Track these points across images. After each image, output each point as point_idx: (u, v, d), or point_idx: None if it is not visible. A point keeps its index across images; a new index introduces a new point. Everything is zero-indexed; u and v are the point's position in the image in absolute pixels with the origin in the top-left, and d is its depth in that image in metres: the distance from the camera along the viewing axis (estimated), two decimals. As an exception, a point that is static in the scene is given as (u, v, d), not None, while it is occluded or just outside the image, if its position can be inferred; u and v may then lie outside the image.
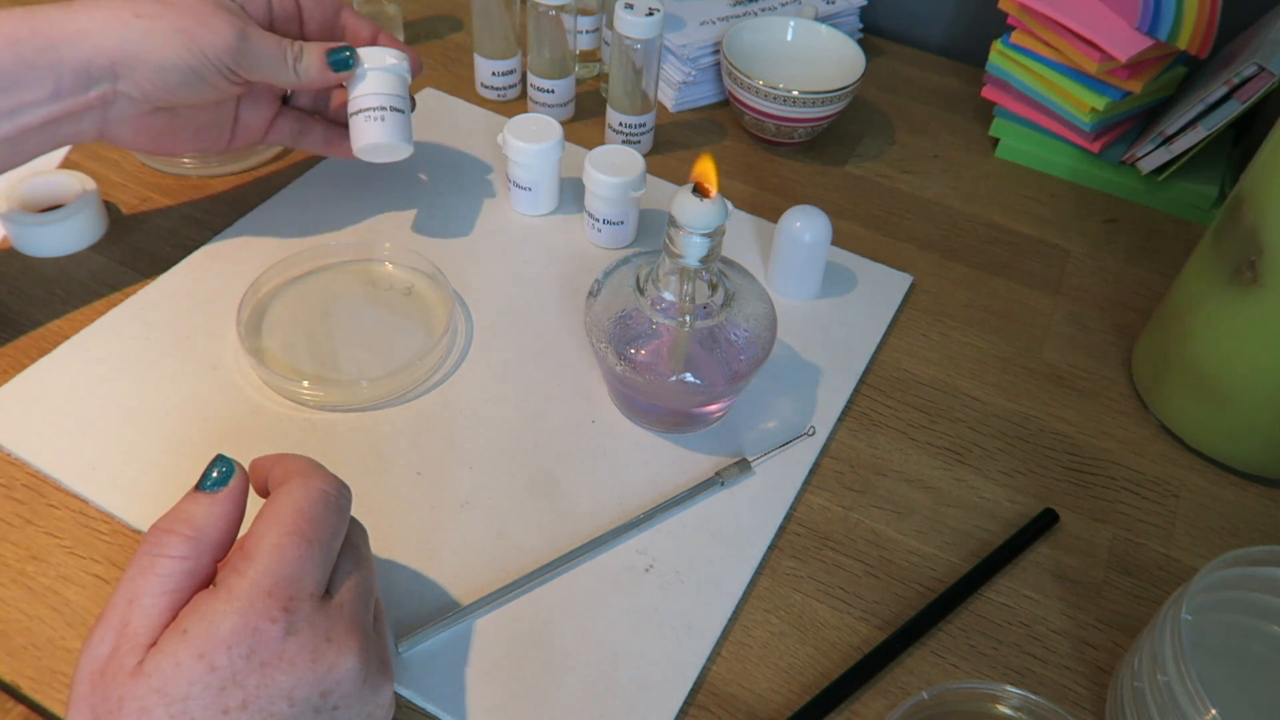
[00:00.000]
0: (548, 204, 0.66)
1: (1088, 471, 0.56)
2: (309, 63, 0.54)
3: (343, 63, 0.55)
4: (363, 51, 0.57)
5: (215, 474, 0.36)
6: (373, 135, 0.57)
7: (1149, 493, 0.55)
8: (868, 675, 0.45)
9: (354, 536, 0.38)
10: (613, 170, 0.61)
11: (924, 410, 0.58)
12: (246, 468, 0.38)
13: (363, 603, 0.37)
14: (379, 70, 0.57)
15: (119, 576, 0.46)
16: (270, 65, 0.53)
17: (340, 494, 0.37)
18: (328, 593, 0.36)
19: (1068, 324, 0.65)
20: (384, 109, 0.57)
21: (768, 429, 0.55)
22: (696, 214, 0.45)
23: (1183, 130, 0.69)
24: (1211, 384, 0.54)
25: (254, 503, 0.37)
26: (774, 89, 0.70)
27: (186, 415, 0.53)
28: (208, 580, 0.35)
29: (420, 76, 0.78)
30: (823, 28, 0.76)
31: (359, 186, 0.67)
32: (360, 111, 0.57)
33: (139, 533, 0.48)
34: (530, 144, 0.62)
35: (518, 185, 0.65)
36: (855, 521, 0.52)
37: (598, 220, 0.64)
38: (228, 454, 0.37)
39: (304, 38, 0.58)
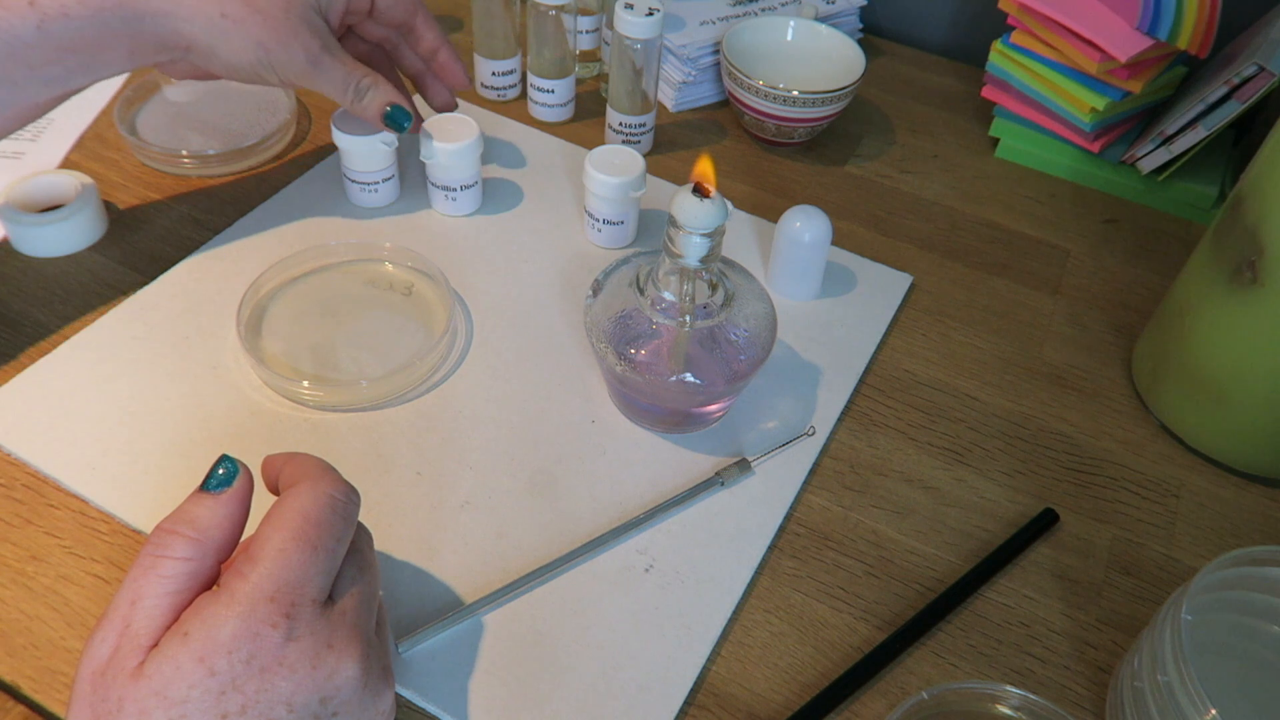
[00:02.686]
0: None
1: (1088, 471, 0.56)
2: (368, 104, 0.57)
3: (398, 125, 0.59)
4: (436, 122, 0.62)
5: (220, 473, 0.36)
6: (446, 209, 0.66)
7: (1149, 493, 0.55)
8: (868, 675, 0.45)
9: (359, 541, 0.38)
10: (613, 170, 0.61)
11: (924, 410, 0.58)
12: (250, 468, 0.38)
13: (365, 609, 0.37)
14: (453, 149, 0.62)
15: (119, 576, 0.46)
16: (331, 90, 0.56)
17: (348, 499, 0.37)
18: (330, 598, 0.36)
19: (1068, 324, 0.65)
20: (456, 189, 0.64)
21: (768, 429, 0.55)
22: (696, 214, 0.45)
23: (1183, 130, 0.69)
24: (1211, 384, 0.54)
25: (260, 501, 0.37)
26: (774, 89, 0.70)
27: (186, 415, 0.53)
28: (211, 581, 0.35)
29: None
30: (823, 28, 0.76)
31: (359, 186, 0.67)
32: (438, 186, 0.64)
33: (139, 533, 0.48)
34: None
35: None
36: (855, 521, 0.52)
37: (598, 220, 0.64)
38: (231, 454, 0.37)
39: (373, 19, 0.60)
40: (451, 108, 0.65)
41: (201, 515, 0.35)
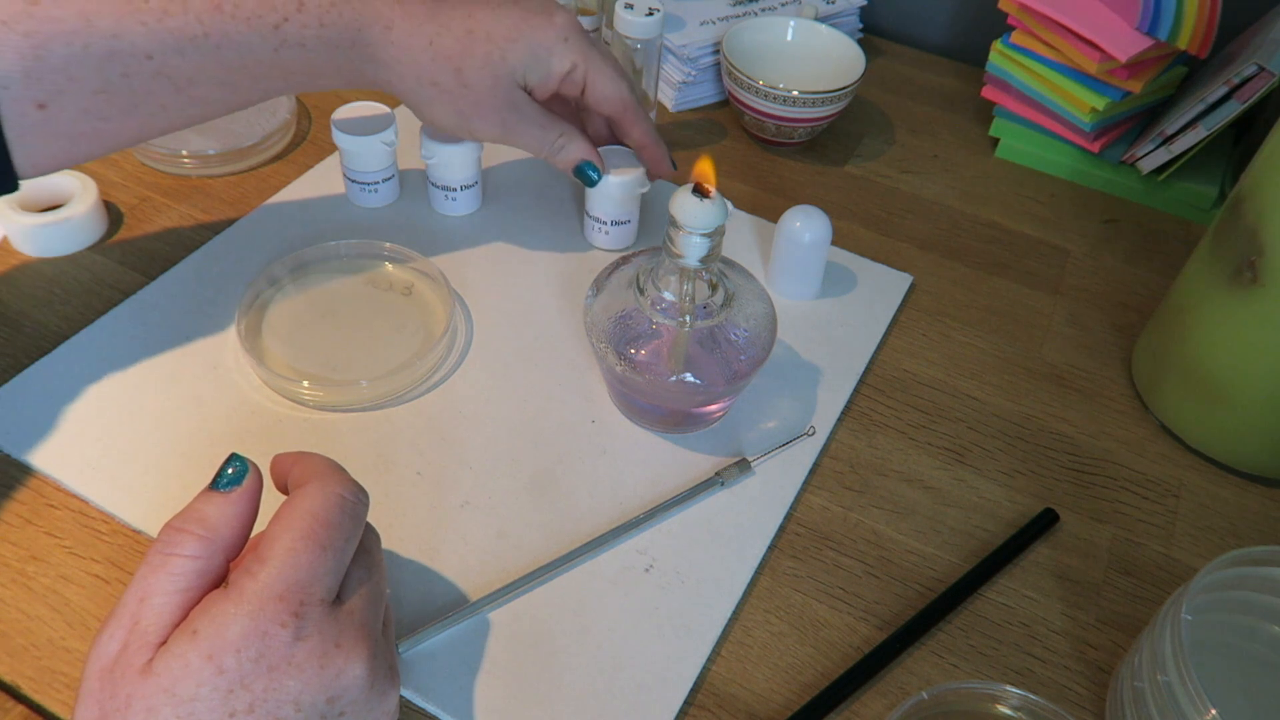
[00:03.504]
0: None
1: (1088, 471, 0.56)
2: (561, 160, 0.59)
3: (587, 180, 0.60)
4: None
5: (229, 472, 0.36)
6: (446, 209, 0.66)
7: (1149, 493, 0.55)
8: (868, 675, 0.45)
9: (367, 542, 0.38)
10: (615, 170, 0.61)
11: (924, 410, 0.58)
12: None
13: (373, 609, 0.37)
14: (453, 150, 0.62)
15: (119, 576, 0.46)
16: (528, 149, 0.59)
17: (357, 499, 0.37)
18: (339, 598, 0.36)
19: (1068, 324, 0.65)
20: (456, 189, 0.65)
21: (768, 429, 0.55)
22: (696, 214, 0.45)
23: (1183, 130, 0.69)
24: (1211, 384, 0.54)
25: (269, 501, 0.37)
26: (774, 89, 0.70)
27: (186, 415, 0.53)
28: (220, 580, 0.35)
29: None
30: (823, 28, 0.76)
31: (359, 186, 0.67)
32: (438, 186, 0.65)
33: (139, 533, 0.48)
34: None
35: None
36: (855, 521, 0.52)
37: (605, 222, 0.63)
38: (239, 452, 0.37)
39: (581, 108, 0.62)
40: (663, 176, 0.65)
41: (211, 514, 0.35)
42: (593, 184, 0.60)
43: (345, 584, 0.36)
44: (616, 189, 0.61)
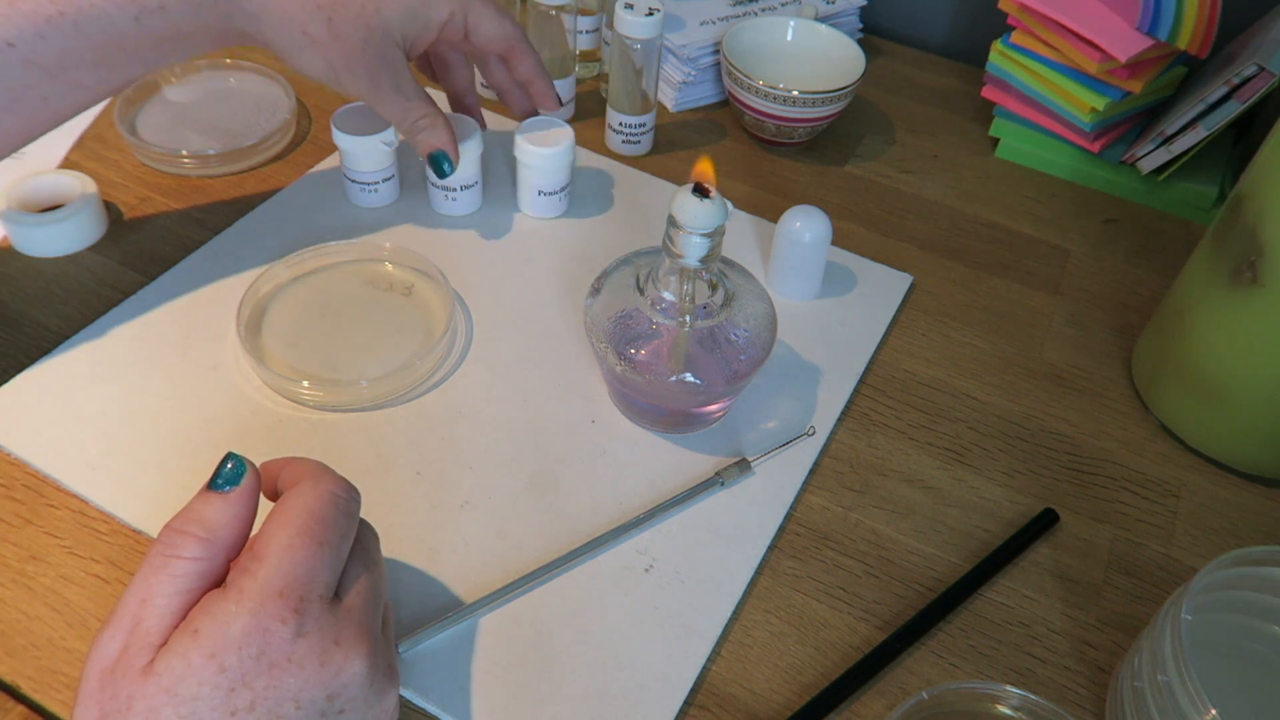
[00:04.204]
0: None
1: (1088, 471, 0.56)
2: (418, 142, 0.59)
3: (438, 169, 0.60)
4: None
5: (227, 469, 0.36)
6: (446, 209, 0.66)
7: (1149, 493, 0.55)
8: (868, 675, 0.45)
9: (364, 539, 0.39)
10: (544, 141, 0.63)
11: (924, 410, 0.58)
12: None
13: (372, 606, 0.37)
14: (548, 154, 0.63)
15: (119, 576, 0.46)
16: (388, 119, 0.58)
17: (350, 497, 0.37)
18: (336, 595, 0.36)
19: (1068, 324, 0.65)
20: (456, 189, 0.65)
21: (768, 429, 0.55)
22: (696, 214, 0.45)
23: (1183, 130, 0.69)
24: (1211, 384, 0.54)
25: (263, 505, 0.37)
26: (774, 89, 0.70)
27: (186, 415, 0.53)
28: (220, 580, 0.35)
29: (420, 78, 0.78)
30: (823, 28, 0.76)
31: (359, 186, 0.67)
32: (438, 186, 0.65)
33: (139, 533, 0.48)
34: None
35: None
36: (855, 521, 0.52)
37: (536, 193, 0.65)
38: (235, 452, 0.37)
39: (470, 53, 0.63)
40: (530, 114, 0.66)
41: (210, 514, 0.35)
42: (444, 176, 0.60)
43: (343, 581, 0.36)
44: (548, 160, 0.63)
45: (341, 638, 0.34)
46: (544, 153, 0.63)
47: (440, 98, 0.76)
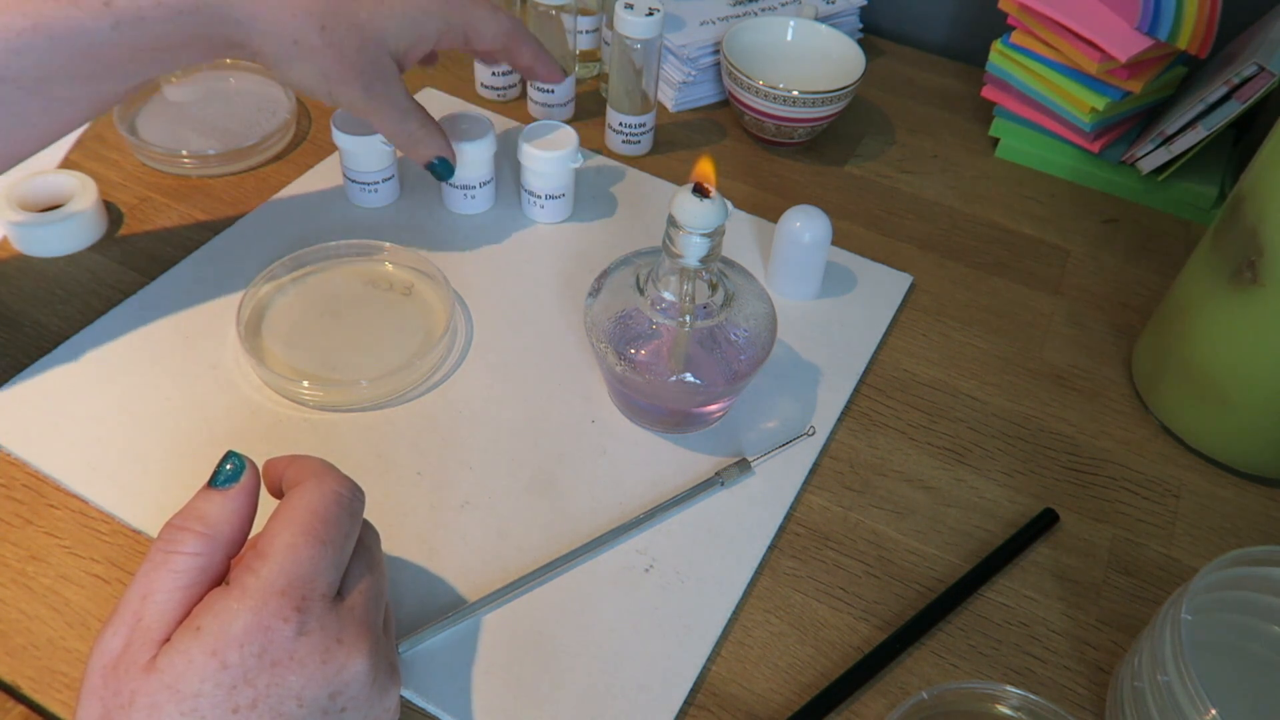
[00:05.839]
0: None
1: (1088, 471, 0.56)
2: (416, 153, 0.59)
3: (439, 176, 0.60)
4: (448, 121, 0.62)
5: (227, 469, 0.36)
6: (464, 208, 0.66)
7: (1149, 493, 0.55)
8: (868, 675, 0.45)
9: (367, 539, 0.39)
10: (549, 145, 0.63)
11: (924, 410, 0.58)
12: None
13: (374, 605, 0.37)
14: (472, 147, 0.62)
15: (119, 576, 0.46)
16: (382, 130, 0.57)
17: (354, 496, 0.37)
18: (339, 594, 0.36)
19: (1068, 324, 0.65)
20: (475, 186, 0.65)
21: (768, 429, 0.55)
22: (696, 214, 0.45)
23: (1183, 130, 0.69)
24: (1211, 384, 0.54)
25: (266, 502, 0.37)
26: (774, 89, 0.70)
27: (186, 415, 0.53)
28: (221, 577, 0.35)
29: (421, 76, 0.78)
30: (823, 28, 0.76)
31: (359, 186, 0.67)
32: (457, 186, 0.65)
33: (139, 533, 0.48)
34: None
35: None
36: (855, 521, 0.52)
37: (539, 196, 0.65)
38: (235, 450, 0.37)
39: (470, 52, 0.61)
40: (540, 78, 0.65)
41: (211, 511, 0.35)
42: (445, 179, 0.61)
43: (345, 580, 0.36)
44: (551, 164, 0.63)
45: (344, 636, 0.34)
46: (547, 156, 0.62)
47: (430, 101, 0.77)
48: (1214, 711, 0.36)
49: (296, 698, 0.33)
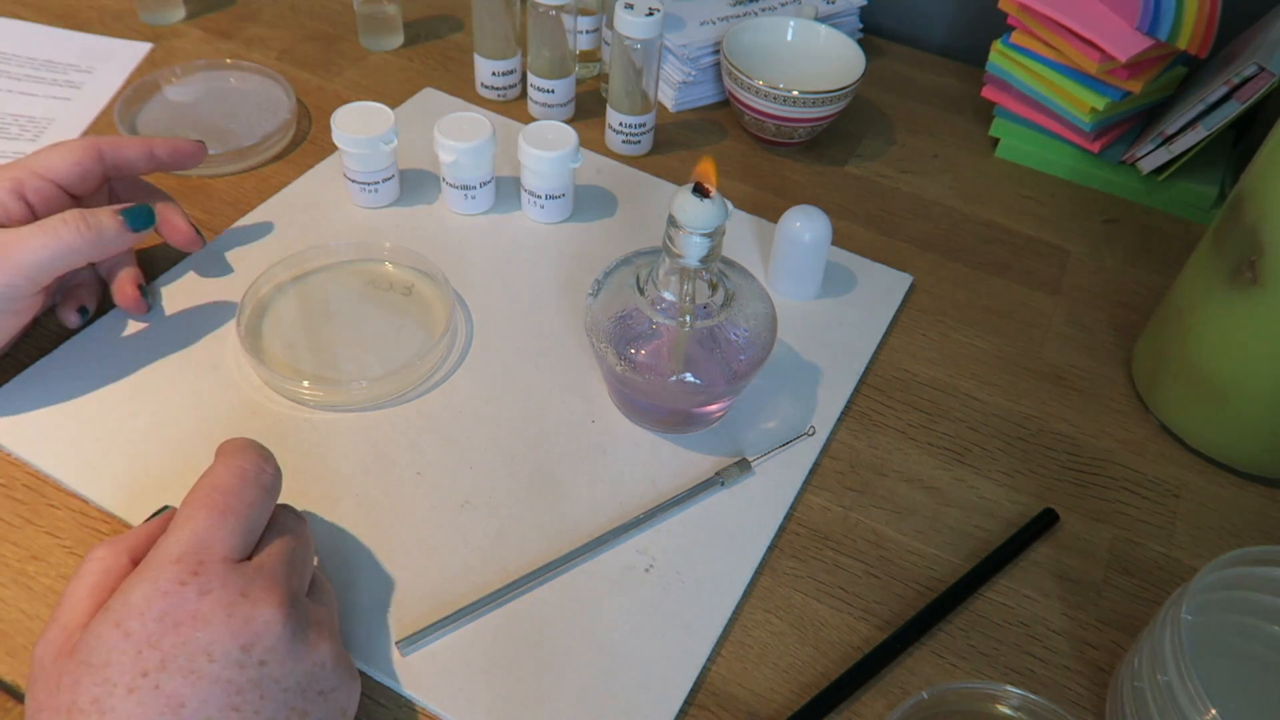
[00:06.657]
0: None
1: (1088, 471, 0.56)
2: (105, 231, 0.50)
3: (142, 223, 0.52)
4: (451, 122, 0.63)
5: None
6: (464, 208, 0.66)
7: (1149, 493, 0.55)
8: (868, 675, 0.45)
9: (280, 516, 0.41)
10: (548, 145, 0.63)
11: (924, 410, 0.58)
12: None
13: (286, 566, 0.38)
14: (470, 148, 0.62)
15: (119, 576, 0.47)
16: (62, 253, 0.48)
17: (260, 470, 0.40)
18: (248, 559, 0.38)
19: (1068, 324, 0.65)
20: (475, 186, 0.65)
21: (768, 429, 0.55)
22: (696, 214, 0.45)
23: (1183, 130, 0.69)
24: (1211, 384, 0.54)
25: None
26: (774, 89, 0.70)
27: (187, 415, 0.53)
28: (127, 573, 0.38)
29: (421, 76, 0.78)
30: (823, 28, 0.76)
31: (359, 186, 0.67)
32: (456, 186, 0.65)
33: (139, 533, 0.48)
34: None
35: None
36: (855, 521, 0.52)
37: (539, 196, 0.65)
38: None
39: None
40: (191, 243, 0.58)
41: (129, 532, 0.39)
42: (147, 227, 0.52)
43: (257, 547, 0.39)
44: (551, 164, 0.63)
45: (249, 590, 0.36)
46: (546, 156, 0.63)
47: (430, 101, 0.76)
48: (1214, 711, 0.36)
49: (206, 653, 0.34)
